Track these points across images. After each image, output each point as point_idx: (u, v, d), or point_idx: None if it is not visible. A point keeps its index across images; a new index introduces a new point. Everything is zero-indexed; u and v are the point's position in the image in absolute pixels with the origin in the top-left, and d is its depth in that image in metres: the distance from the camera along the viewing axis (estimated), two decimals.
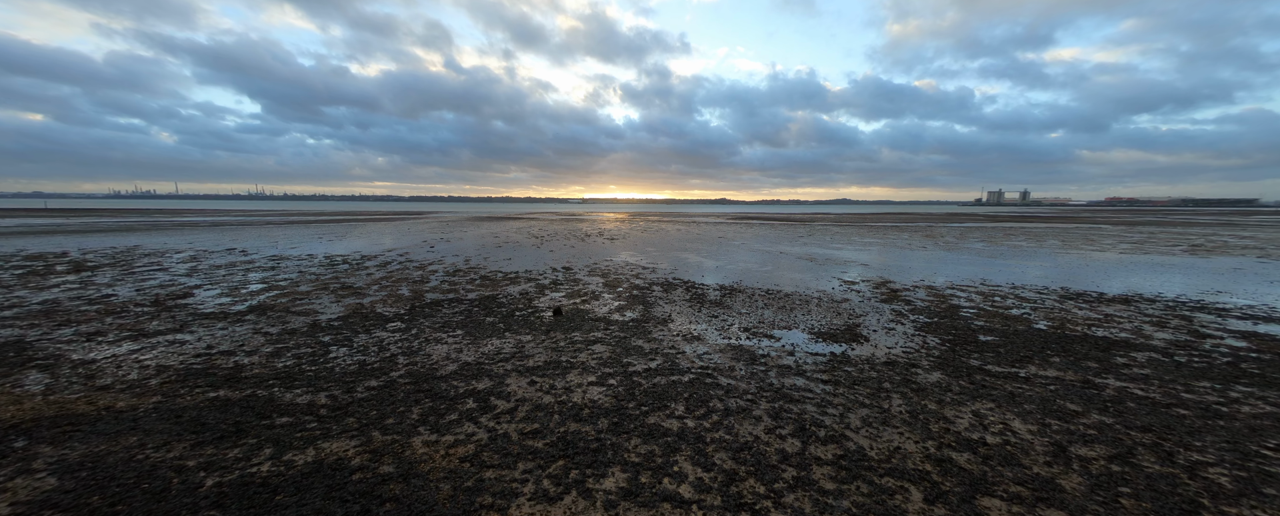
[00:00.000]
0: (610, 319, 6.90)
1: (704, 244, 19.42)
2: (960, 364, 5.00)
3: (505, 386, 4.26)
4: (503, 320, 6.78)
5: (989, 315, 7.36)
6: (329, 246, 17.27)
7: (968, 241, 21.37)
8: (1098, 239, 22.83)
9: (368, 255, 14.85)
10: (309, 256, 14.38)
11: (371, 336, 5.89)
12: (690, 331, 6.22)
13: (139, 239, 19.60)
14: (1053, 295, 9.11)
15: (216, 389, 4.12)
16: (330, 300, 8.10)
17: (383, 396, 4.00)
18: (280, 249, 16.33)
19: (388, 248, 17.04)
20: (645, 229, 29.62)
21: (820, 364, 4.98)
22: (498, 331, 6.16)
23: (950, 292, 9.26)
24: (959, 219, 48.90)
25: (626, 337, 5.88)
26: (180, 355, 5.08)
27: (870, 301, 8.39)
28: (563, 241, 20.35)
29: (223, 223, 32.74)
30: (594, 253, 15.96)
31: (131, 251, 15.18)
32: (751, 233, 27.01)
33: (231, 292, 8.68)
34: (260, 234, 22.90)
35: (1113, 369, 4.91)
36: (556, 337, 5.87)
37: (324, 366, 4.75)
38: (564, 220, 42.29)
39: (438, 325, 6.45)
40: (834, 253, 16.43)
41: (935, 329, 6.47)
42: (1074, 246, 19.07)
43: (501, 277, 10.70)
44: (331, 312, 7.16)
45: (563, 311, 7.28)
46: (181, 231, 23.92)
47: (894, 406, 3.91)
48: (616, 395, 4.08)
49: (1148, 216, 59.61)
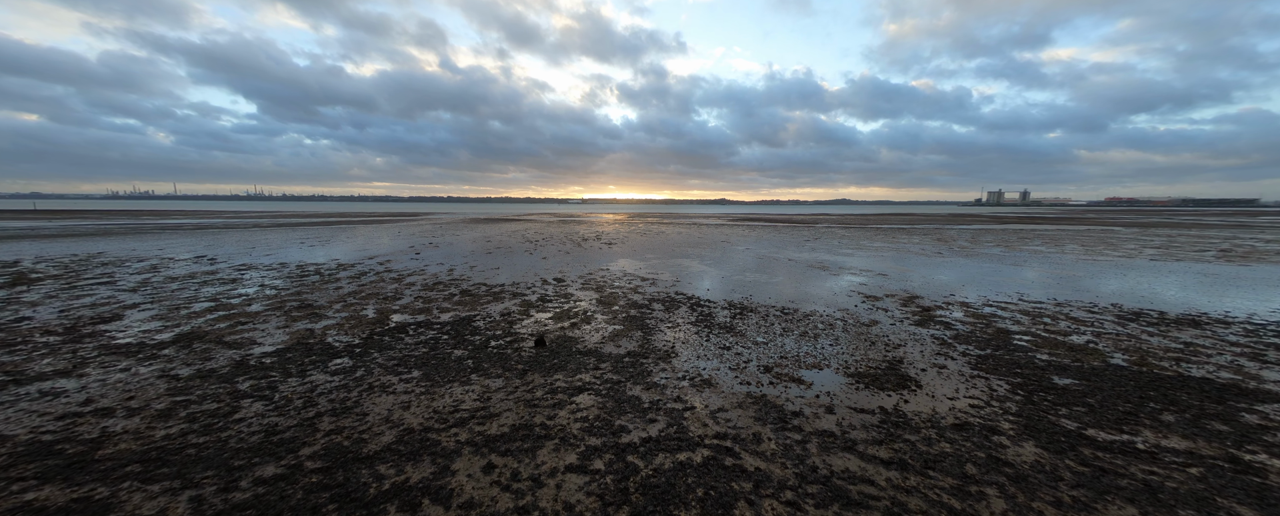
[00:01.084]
0: (602, 351, 5.76)
1: (706, 249, 18.29)
2: (1052, 428, 3.87)
3: (450, 477, 3.10)
4: (473, 353, 5.64)
5: (1049, 344, 6.23)
6: (308, 253, 16.11)
7: (983, 246, 20.25)
8: (1118, 243, 21.71)
9: (345, 263, 13.71)
10: (280, 265, 13.23)
11: (304, 381, 4.74)
12: (699, 372, 5.08)
13: (109, 245, 18.43)
14: (1107, 315, 7.99)
15: (42, 485, 2.96)
16: (278, 324, 6.95)
17: (269, 499, 2.86)
18: (254, 256, 15.19)
19: (370, 254, 15.89)
20: (644, 232, 28.49)
21: (871, 428, 3.84)
22: (463, 372, 5.02)
23: (990, 312, 8.13)
24: (964, 220, 47.80)
25: (620, 383, 4.74)
26: (39, 416, 3.93)
27: (903, 324, 7.26)
28: (557, 246, 19.22)
29: (209, 226, 31.58)
30: (590, 260, 14.83)
31: (90, 260, 14.02)
32: (754, 235, 25.88)
33: (168, 315, 7.53)
34: (242, 238, 21.74)
35: (1250, 433, 3.79)
36: (533, 383, 4.73)
37: (218, 436, 3.61)
38: (561, 222, 41.16)
39: (392, 362, 5.30)
40: (845, 260, 15.30)
41: (994, 367, 5.34)
42: (1097, 251, 17.94)
43: (485, 293, 9.55)
44: (270, 343, 6.01)
45: (547, 341, 6.14)
46: (160, 236, 22.75)
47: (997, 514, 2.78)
48: (603, 493, 2.94)
49: (1155, 217, 58.52)
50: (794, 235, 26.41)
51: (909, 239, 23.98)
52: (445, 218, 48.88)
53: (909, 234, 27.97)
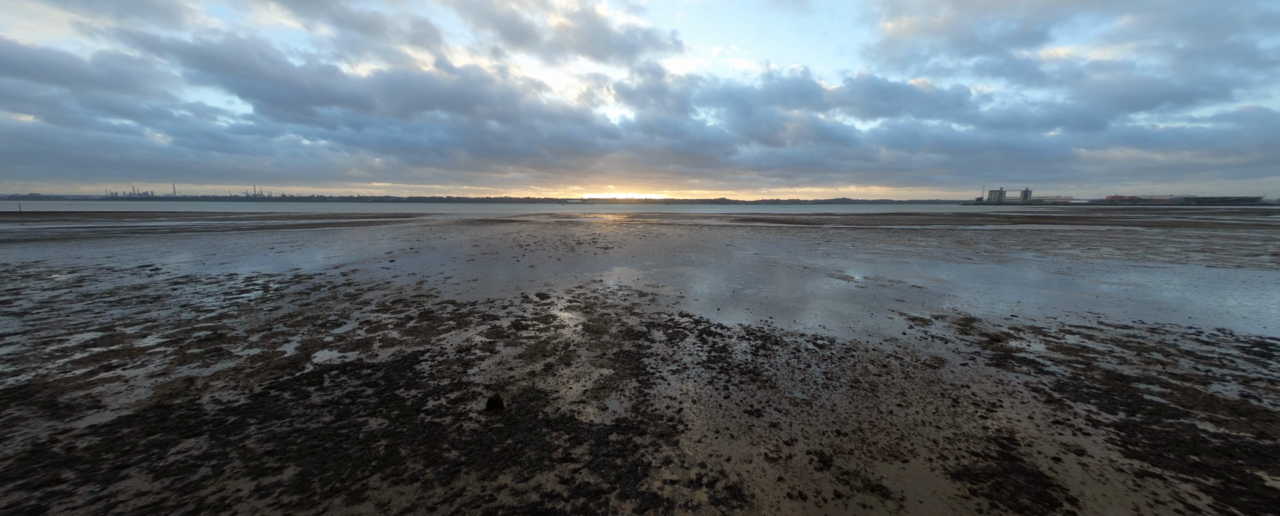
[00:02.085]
0: (579, 421, 4.07)
1: (710, 254, 16.58)
2: None
3: None
4: (394, 426, 3.95)
5: (1192, 400, 4.53)
6: (269, 261, 14.42)
7: (1010, 249, 18.52)
8: (1153, 245, 19.96)
9: (304, 274, 12.03)
10: (228, 277, 11.56)
11: (104, 491, 3.06)
12: (721, 466, 3.38)
13: (57, 251, 16.74)
14: (1226, 345, 6.30)
15: None
16: (155, 368, 5.26)
17: None
18: (206, 266, 13.51)
19: (337, 263, 14.21)
20: (644, 234, 26.79)
21: None
22: (362, 469, 3.32)
23: (1077, 343, 6.44)
24: (973, 220, 46.03)
25: (600, 495, 3.05)
26: None
27: (976, 363, 5.57)
28: (549, 252, 17.53)
29: (185, 228, 29.92)
30: (582, 268, 13.14)
31: (14, 271, 12.33)
32: (761, 238, 24.17)
33: (24, 354, 5.82)
34: (208, 243, 20.05)
35: None
36: (464, 495, 3.04)
37: None
38: (558, 224, 39.48)
39: (266, 446, 3.61)
40: (868, 268, 13.59)
41: (1154, 449, 3.63)
42: (1136, 255, 16.21)
43: (449, 315, 7.87)
44: (118, 404, 4.31)
45: (504, 401, 4.45)
46: (124, 241, 21.03)
47: None
48: None
49: (1168, 216, 56.82)
50: (802, 237, 24.71)
51: (926, 241, 22.25)
52: (440, 219, 47.23)
53: (923, 235, 26.26)
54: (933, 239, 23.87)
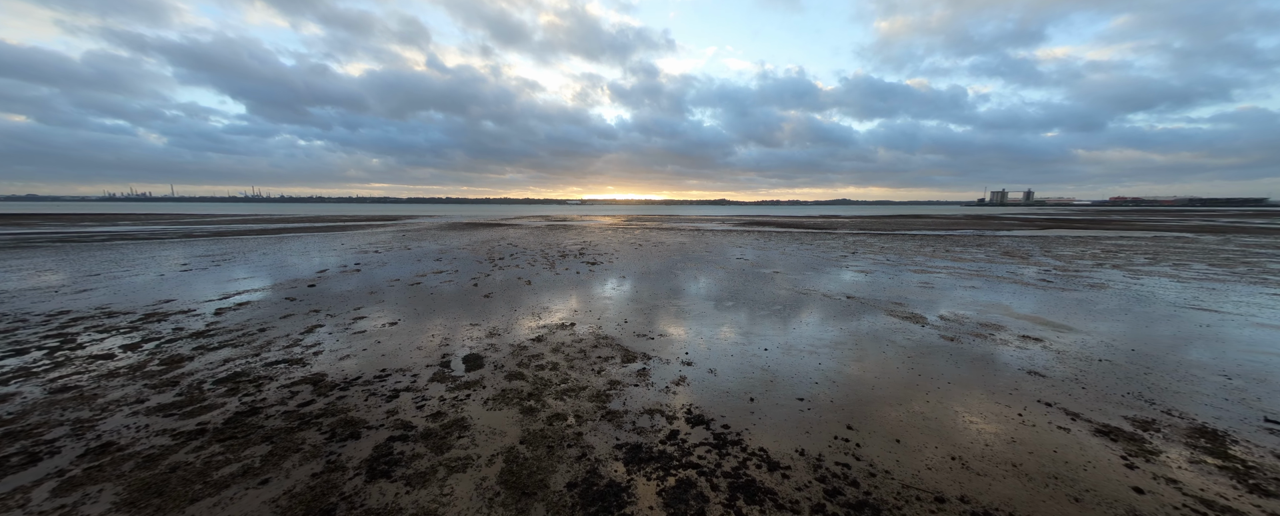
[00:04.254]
0: None
1: (719, 272, 13.18)
2: None
3: None
4: None
5: None
6: (157, 288, 11.08)
7: (1085, 267, 15.09)
8: (1236, 257, 16.45)
9: (156, 313, 8.73)
10: (61, 312, 8.23)
11: None
12: None
13: None
14: None
15: None
16: None
17: None
18: (78, 298, 10.18)
19: (230, 292, 10.87)
20: (639, 243, 23.40)
21: None
22: None
23: None
24: (992, 224, 42.53)
25: None
26: None
27: None
28: (523, 268, 14.16)
29: (159, 234, 26.66)
30: (555, 297, 9.78)
31: None
32: (774, 247, 20.76)
33: None
34: (153, 254, 16.70)
35: None
36: None
37: None
38: (548, 228, 36.15)
39: None
40: (929, 298, 10.20)
41: None
42: (1241, 272, 12.76)
43: (274, 428, 4.52)
44: None
45: None
46: (63, 251, 17.58)
47: None
48: None
49: (1194, 218, 53.56)
50: (821, 248, 21.30)
51: (968, 251, 18.80)
52: (425, 223, 43.95)
53: (958, 244, 22.86)
54: (974, 249, 20.49)
